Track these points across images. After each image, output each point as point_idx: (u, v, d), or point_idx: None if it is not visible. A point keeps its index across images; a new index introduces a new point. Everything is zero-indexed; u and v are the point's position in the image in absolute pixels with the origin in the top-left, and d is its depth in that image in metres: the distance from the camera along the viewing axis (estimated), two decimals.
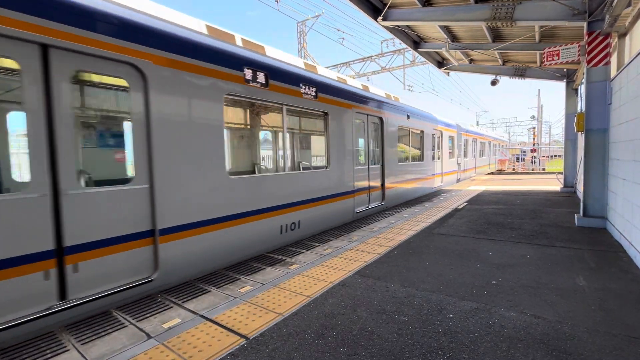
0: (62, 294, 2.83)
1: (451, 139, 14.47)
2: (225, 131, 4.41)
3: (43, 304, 2.71)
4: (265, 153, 7.41)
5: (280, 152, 6.21)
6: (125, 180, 3.40)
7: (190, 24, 4.23)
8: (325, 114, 6.21)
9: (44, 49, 2.73)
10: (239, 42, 4.93)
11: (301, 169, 6.75)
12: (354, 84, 7.76)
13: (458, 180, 15.44)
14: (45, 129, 2.74)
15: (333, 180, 6.39)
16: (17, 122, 3.40)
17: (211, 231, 4.02)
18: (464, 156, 16.76)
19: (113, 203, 3.15)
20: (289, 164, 5.37)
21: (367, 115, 7.59)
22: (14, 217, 2.57)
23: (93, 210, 3.02)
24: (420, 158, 10.89)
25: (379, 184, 8.12)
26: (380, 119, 8.17)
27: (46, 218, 2.73)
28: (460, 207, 8.25)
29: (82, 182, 3.08)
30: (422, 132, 10.74)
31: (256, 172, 6.03)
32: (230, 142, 6.23)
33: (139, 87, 3.34)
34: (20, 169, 3.48)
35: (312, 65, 6.55)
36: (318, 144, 7.52)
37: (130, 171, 3.65)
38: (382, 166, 8.18)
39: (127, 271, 3.26)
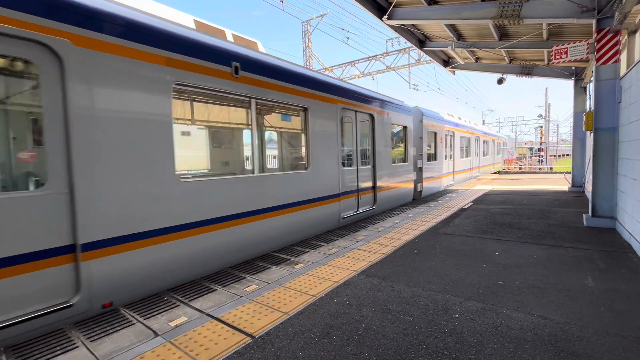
0: None
1: (403, 129, 9.64)
2: (176, 128, 3.84)
3: None
4: (235, 154, 7.02)
5: (249, 152, 5.67)
6: (36, 185, 2.97)
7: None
8: (305, 109, 5.61)
9: None
10: (190, 24, 4.29)
11: (266, 170, 6.24)
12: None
13: (419, 193, 10.53)
14: None
15: (314, 184, 5.73)
16: None
17: (154, 245, 3.40)
18: (434, 157, 11.71)
19: (15, 212, 2.55)
20: (257, 164, 4.78)
21: (356, 111, 6.95)
22: None
23: None
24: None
25: (370, 185, 7.53)
26: (371, 115, 7.56)
27: None
28: (466, 206, 8.19)
29: None
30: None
31: (229, 174, 5.55)
32: (186, 140, 5.76)
33: (54, 73, 2.75)
34: None
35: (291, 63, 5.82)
36: (299, 143, 7.04)
37: (43, 174, 2.93)
38: (374, 167, 7.56)
39: (38, 295, 2.66)
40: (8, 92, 3.10)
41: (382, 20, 7.44)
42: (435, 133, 11.47)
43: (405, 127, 9.38)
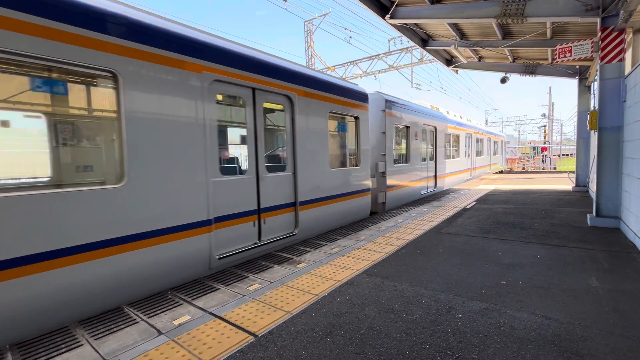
0: None
1: (354, 120, 7.14)
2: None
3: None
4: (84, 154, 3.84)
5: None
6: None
7: None
8: (113, 74, 3.29)
9: None
10: None
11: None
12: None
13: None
14: None
15: (130, 209, 3.30)
16: None
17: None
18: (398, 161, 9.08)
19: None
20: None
21: (254, 89, 4.68)
22: None
23: None
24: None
25: (287, 201, 5.23)
26: (289, 98, 5.30)
27: None
28: (468, 206, 8.17)
29: None
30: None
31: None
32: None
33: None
34: None
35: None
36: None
37: None
38: (295, 174, 5.32)
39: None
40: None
41: (385, 20, 7.42)
42: (407, 128, 9.13)
43: (356, 119, 6.85)
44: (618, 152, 5.48)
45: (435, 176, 11.29)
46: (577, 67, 10.22)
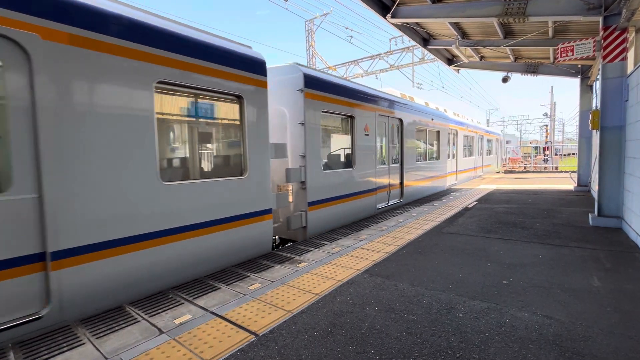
0: None
1: (237, 102, 4.66)
2: None
3: None
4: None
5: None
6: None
7: None
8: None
9: None
10: None
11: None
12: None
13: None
14: None
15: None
16: None
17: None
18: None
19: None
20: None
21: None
22: None
23: None
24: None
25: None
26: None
27: None
28: (470, 206, 8.15)
29: None
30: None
31: None
32: None
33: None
34: None
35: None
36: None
37: None
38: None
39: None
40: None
41: (386, 19, 7.41)
42: (350, 118, 6.72)
43: (239, 99, 4.39)
44: (620, 151, 5.46)
45: (401, 183, 8.84)
46: (579, 66, 10.18)
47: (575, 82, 10.69)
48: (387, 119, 8.15)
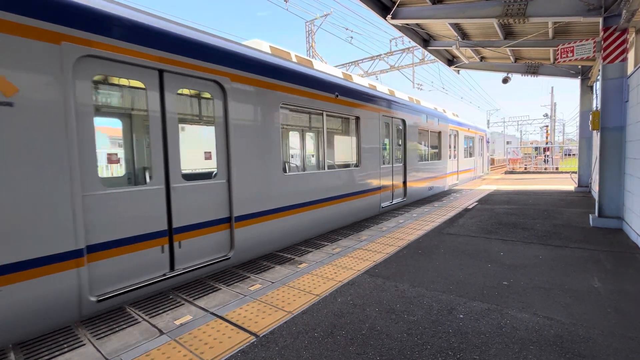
0: None
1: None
2: None
3: None
4: None
5: None
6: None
7: None
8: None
9: None
10: None
11: None
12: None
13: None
14: None
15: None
16: None
17: None
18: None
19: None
20: None
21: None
22: None
23: None
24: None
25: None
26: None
27: None
28: (470, 206, 8.15)
29: None
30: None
31: None
32: None
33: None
34: None
35: None
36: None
37: None
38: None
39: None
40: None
41: (386, 20, 7.42)
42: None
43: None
44: (620, 152, 5.46)
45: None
46: (580, 67, 10.18)
47: (576, 82, 10.70)
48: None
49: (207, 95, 4.35)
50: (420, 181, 10.36)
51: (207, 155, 4.98)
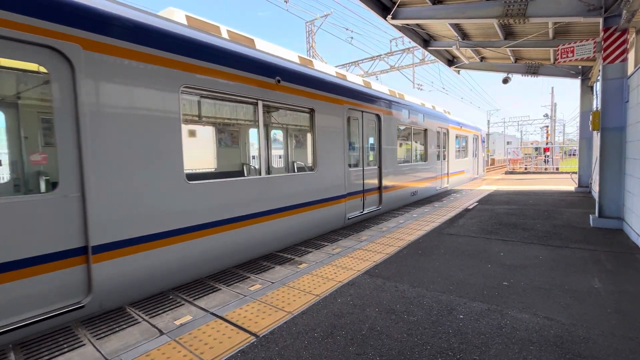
0: None
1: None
2: None
3: None
4: None
5: None
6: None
7: None
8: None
9: None
10: None
11: None
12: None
13: None
14: None
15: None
16: None
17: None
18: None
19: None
20: None
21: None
22: None
23: None
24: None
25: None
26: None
27: None
28: (470, 207, 8.15)
29: None
30: None
31: None
32: None
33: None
34: None
35: None
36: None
37: None
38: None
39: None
40: None
41: (386, 20, 7.42)
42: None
43: None
44: (621, 152, 5.45)
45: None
46: (580, 67, 10.18)
47: (576, 83, 10.69)
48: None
49: (43, 69, 2.94)
50: (400, 186, 8.75)
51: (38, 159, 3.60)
